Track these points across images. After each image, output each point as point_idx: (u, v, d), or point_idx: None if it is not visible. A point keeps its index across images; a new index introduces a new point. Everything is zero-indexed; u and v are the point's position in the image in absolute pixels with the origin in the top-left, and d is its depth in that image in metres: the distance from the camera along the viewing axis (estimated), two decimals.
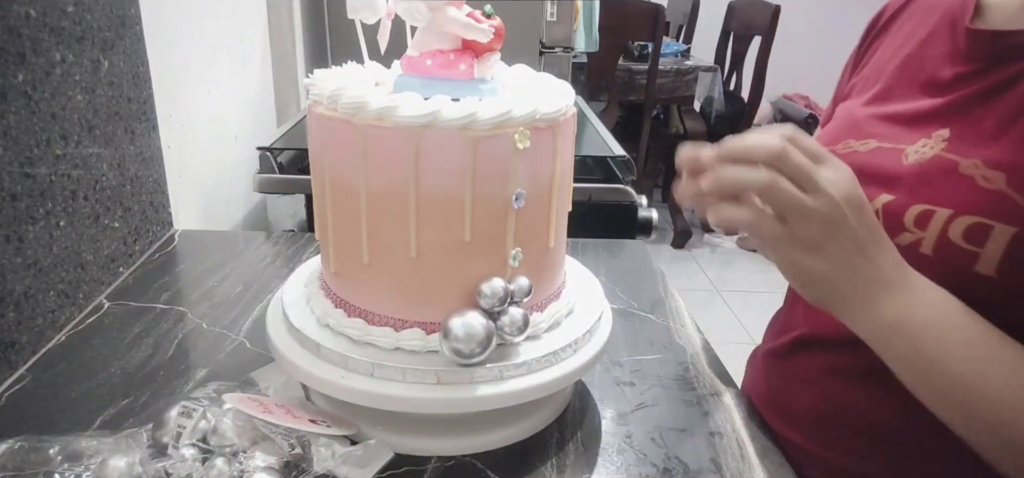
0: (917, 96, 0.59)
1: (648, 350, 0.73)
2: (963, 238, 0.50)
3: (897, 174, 0.56)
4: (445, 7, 0.51)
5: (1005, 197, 0.49)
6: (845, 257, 0.47)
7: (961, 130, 0.54)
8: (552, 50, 1.79)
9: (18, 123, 0.64)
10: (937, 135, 0.55)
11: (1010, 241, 0.48)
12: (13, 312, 0.64)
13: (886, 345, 0.49)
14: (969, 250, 0.50)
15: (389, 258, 0.52)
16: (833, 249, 0.46)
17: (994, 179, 0.50)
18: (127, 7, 0.83)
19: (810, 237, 0.46)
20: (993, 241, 0.49)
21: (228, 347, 0.70)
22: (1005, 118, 0.52)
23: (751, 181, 0.46)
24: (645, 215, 1.15)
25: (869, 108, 0.63)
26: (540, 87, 0.58)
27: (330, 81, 0.52)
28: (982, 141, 0.52)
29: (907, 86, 0.61)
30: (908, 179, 0.55)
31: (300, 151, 1.19)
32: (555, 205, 0.55)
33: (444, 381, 0.51)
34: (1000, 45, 0.54)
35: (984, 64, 0.55)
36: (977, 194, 0.50)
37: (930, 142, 0.56)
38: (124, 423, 0.57)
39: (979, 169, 0.51)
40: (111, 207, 0.81)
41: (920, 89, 0.59)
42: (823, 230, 0.46)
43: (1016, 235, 0.48)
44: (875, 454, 0.59)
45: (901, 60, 0.63)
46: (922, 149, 0.56)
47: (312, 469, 0.50)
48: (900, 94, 0.61)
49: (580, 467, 0.56)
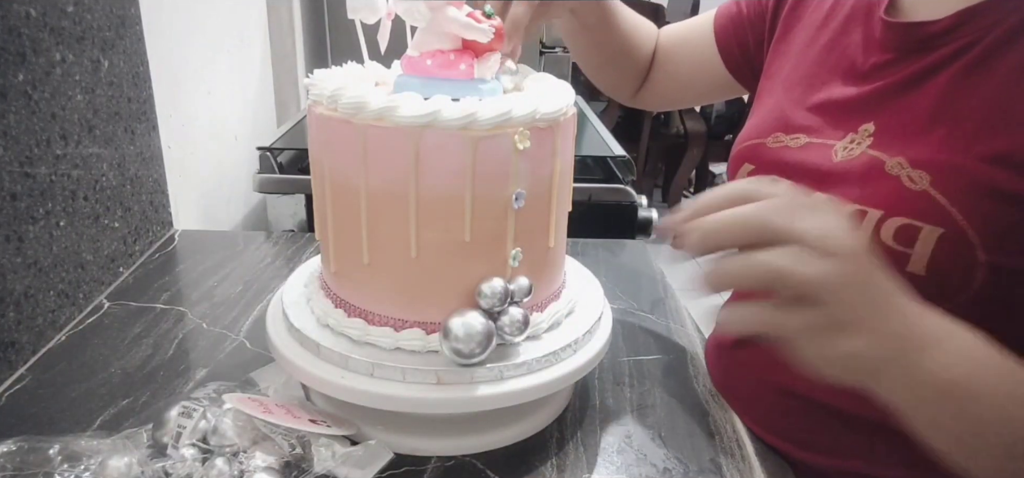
0: (839, 84, 0.60)
1: (648, 350, 0.73)
2: (894, 239, 0.50)
3: (829, 172, 0.56)
4: (445, 7, 0.51)
5: (930, 198, 0.49)
6: (876, 320, 0.40)
7: (884, 124, 0.55)
8: (552, 50, 1.79)
9: (18, 123, 0.64)
10: (863, 129, 0.56)
11: (937, 241, 0.49)
12: (13, 312, 0.64)
13: (927, 411, 0.42)
14: (900, 251, 0.50)
15: (389, 258, 0.52)
16: (869, 314, 0.39)
17: (919, 180, 0.50)
18: (127, 7, 0.83)
19: (843, 316, 0.39)
20: (921, 242, 0.49)
21: (228, 347, 0.70)
22: (926, 114, 0.52)
23: (751, 279, 0.39)
24: (645, 215, 1.15)
25: (793, 95, 0.63)
26: (540, 87, 0.58)
27: (330, 81, 0.52)
28: (905, 137, 0.53)
29: (829, 72, 0.61)
30: (839, 178, 0.55)
31: (300, 151, 1.19)
32: (555, 205, 0.55)
33: (444, 381, 0.51)
34: (914, 36, 0.54)
35: (899, 54, 0.55)
36: (904, 195, 0.50)
37: (857, 137, 0.56)
38: (124, 423, 0.57)
39: (904, 169, 0.51)
40: (111, 207, 0.81)
41: (842, 76, 0.60)
42: (859, 295, 0.39)
43: (942, 235, 0.48)
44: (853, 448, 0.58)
45: (821, 46, 0.63)
46: (850, 145, 0.56)
47: (312, 469, 0.50)
48: (822, 80, 0.61)
49: (580, 467, 0.56)
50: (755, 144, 0.64)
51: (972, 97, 0.50)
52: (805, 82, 0.63)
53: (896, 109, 0.54)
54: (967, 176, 0.49)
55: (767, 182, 0.42)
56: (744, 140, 0.66)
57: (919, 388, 0.41)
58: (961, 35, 0.52)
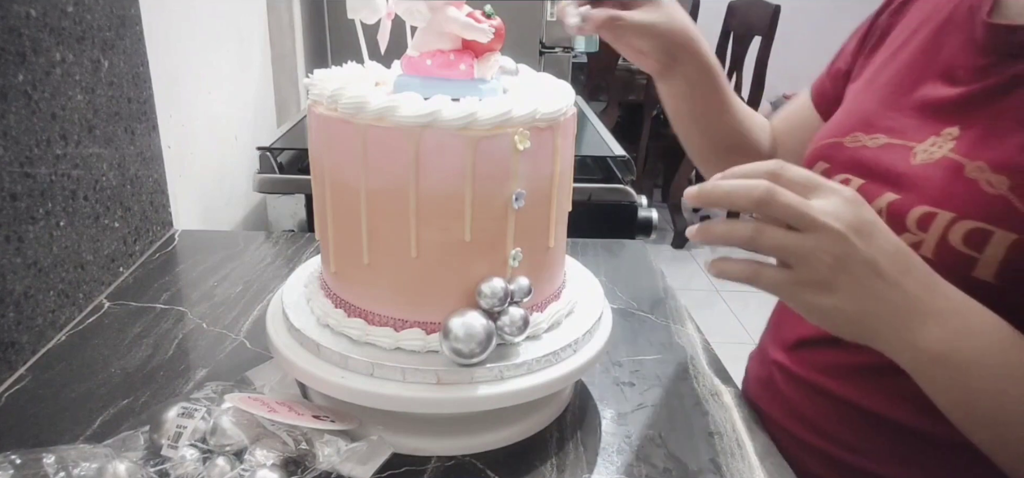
0: (931, 85, 0.59)
1: (648, 350, 0.73)
2: (963, 242, 0.50)
3: (904, 173, 0.56)
4: (445, 7, 0.51)
5: (1007, 203, 0.49)
6: (863, 288, 0.44)
7: (971, 127, 0.54)
8: (552, 50, 1.79)
9: (18, 123, 0.64)
10: (946, 133, 0.55)
11: (1009, 247, 0.48)
12: (13, 312, 0.64)
13: (927, 376, 0.47)
14: (968, 255, 0.50)
15: (389, 258, 0.52)
16: (846, 282, 0.44)
17: (998, 184, 0.50)
18: (127, 7, 0.83)
19: (818, 277, 0.44)
20: (992, 247, 0.49)
21: (228, 347, 0.70)
22: (1013, 119, 0.51)
23: (736, 236, 0.45)
24: (645, 215, 1.15)
25: (880, 96, 0.62)
26: (540, 87, 0.58)
27: (330, 81, 0.52)
28: (990, 141, 0.52)
29: (921, 73, 0.60)
30: (914, 179, 0.55)
31: (300, 151, 1.19)
32: (555, 205, 0.55)
33: (444, 381, 0.51)
34: (1016, 39, 0.53)
35: (1000, 58, 0.54)
36: (980, 198, 0.50)
37: (939, 140, 0.55)
38: (124, 423, 0.58)
39: (984, 173, 0.51)
40: (111, 207, 0.81)
41: (935, 78, 0.59)
42: (830, 266, 0.43)
43: (1016, 242, 0.48)
44: (887, 450, 0.59)
45: (916, 46, 0.62)
46: (931, 148, 0.55)
47: (314, 465, 0.51)
48: (913, 83, 0.60)
49: (580, 467, 0.56)
50: (832, 143, 0.63)
51: None
52: (894, 84, 0.62)
53: (986, 114, 0.54)
54: None
55: (788, 167, 0.46)
56: (821, 139, 0.65)
57: (912, 352, 0.46)
58: None
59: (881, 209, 0.56)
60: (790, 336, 0.67)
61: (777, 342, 0.69)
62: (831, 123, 0.66)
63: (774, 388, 0.67)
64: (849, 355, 0.59)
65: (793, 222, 0.44)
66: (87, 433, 0.56)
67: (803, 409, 0.63)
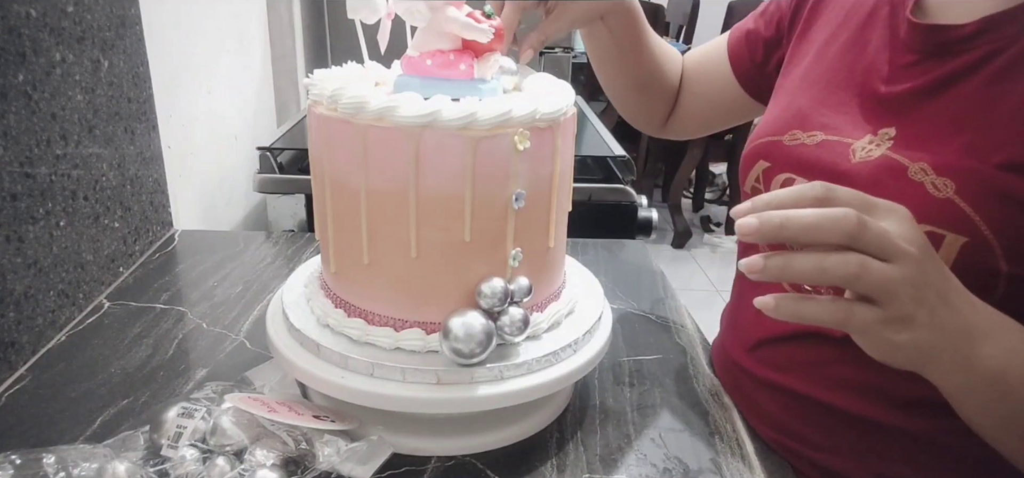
0: (860, 81, 0.59)
1: (648, 350, 0.73)
2: None
3: (846, 172, 0.56)
4: (445, 7, 0.51)
5: (955, 206, 0.49)
6: (935, 317, 0.42)
7: (906, 128, 0.54)
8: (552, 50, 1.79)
9: (18, 123, 0.64)
10: (883, 133, 0.55)
11: (960, 249, 0.48)
12: (13, 312, 0.64)
13: (975, 396, 0.45)
14: None
15: (389, 258, 0.52)
16: (923, 315, 0.42)
17: (943, 188, 0.50)
18: (127, 7, 0.83)
19: (903, 312, 0.41)
20: (944, 250, 0.49)
21: (228, 347, 0.70)
22: (951, 120, 0.52)
23: (835, 273, 0.40)
24: (645, 215, 1.15)
25: (813, 92, 0.63)
26: (540, 87, 0.58)
27: (330, 81, 0.52)
28: (928, 142, 0.52)
29: (849, 70, 0.61)
30: (858, 179, 0.55)
31: (300, 151, 1.19)
32: (555, 205, 0.55)
33: (444, 381, 0.51)
34: (941, 39, 0.54)
35: (922, 56, 0.55)
36: (928, 202, 0.50)
37: (876, 139, 0.55)
38: (124, 423, 0.58)
39: (928, 175, 0.51)
40: (111, 207, 0.81)
41: (863, 74, 0.59)
42: (912, 298, 0.41)
43: (966, 244, 0.48)
44: (847, 445, 0.58)
45: (842, 43, 0.63)
46: (869, 146, 0.56)
47: (314, 465, 0.51)
48: (842, 79, 0.61)
49: (580, 467, 0.56)
50: (771, 141, 0.64)
51: (998, 105, 0.50)
52: (824, 79, 0.63)
53: (919, 114, 0.54)
54: (991, 185, 0.48)
55: (836, 187, 0.43)
56: (759, 137, 0.65)
57: (970, 375, 0.44)
58: (986, 41, 0.51)
59: None
60: (749, 337, 0.65)
61: (738, 344, 0.68)
62: (768, 120, 0.67)
63: (743, 393, 0.66)
64: (808, 351, 0.59)
65: (884, 254, 0.40)
66: (87, 433, 0.56)
67: (771, 411, 0.63)
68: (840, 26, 0.64)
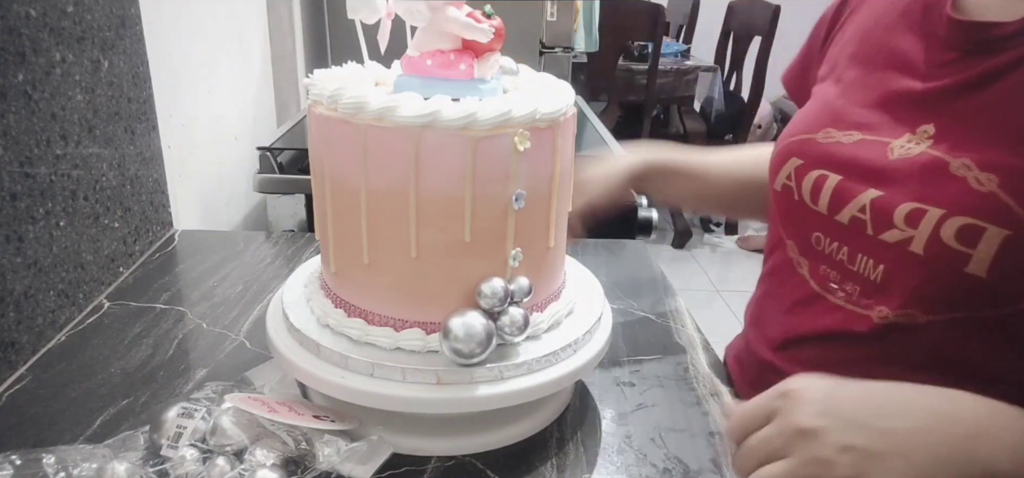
0: (895, 80, 0.59)
1: (648, 350, 0.73)
2: (956, 239, 0.50)
3: (883, 169, 0.56)
4: (445, 7, 0.51)
5: (998, 200, 0.49)
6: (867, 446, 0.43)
7: (946, 126, 0.54)
8: (552, 50, 1.79)
9: (18, 123, 0.64)
10: (921, 131, 0.55)
11: (1002, 243, 0.49)
12: (13, 312, 0.64)
13: None
14: (961, 251, 0.50)
15: (389, 258, 0.52)
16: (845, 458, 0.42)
17: (987, 182, 0.50)
18: (127, 7, 0.83)
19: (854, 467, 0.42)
20: (985, 243, 0.49)
21: (228, 347, 0.70)
22: (993, 117, 0.52)
23: None
24: (645, 215, 1.15)
25: (847, 91, 0.63)
26: (540, 87, 0.58)
27: (330, 81, 0.52)
28: (970, 140, 0.52)
29: (884, 68, 0.61)
30: (896, 175, 0.55)
31: (300, 151, 1.19)
32: (555, 205, 0.55)
33: (444, 381, 0.51)
34: (983, 36, 0.54)
35: (964, 54, 0.55)
36: (970, 196, 0.50)
37: (915, 137, 0.55)
38: (124, 423, 0.58)
39: (971, 170, 0.51)
40: (111, 207, 0.81)
41: (899, 72, 0.59)
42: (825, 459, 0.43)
43: (1008, 238, 0.49)
44: None
45: (876, 41, 0.63)
46: (908, 145, 0.56)
47: (314, 465, 0.51)
48: (878, 77, 0.61)
49: (580, 467, 0.56)
50: (804, 139, 0.63)
51: None
52: (859, 78, 0.62)
53: (958, 112, 0.54)
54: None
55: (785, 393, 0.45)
56: (791, 134, 0.65)
57: None
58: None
59: (864, 206, 0.56)
60: (776, 335, 0.66)
61: (763, 341, 0.68)
62: (800, 118, 0.66)
63: None
64: (836, 351, 0.59)
65: (775, 455, 0.44)
66: (87, 433, 0.56)
67: None
68: (871, 28, 0.64)
